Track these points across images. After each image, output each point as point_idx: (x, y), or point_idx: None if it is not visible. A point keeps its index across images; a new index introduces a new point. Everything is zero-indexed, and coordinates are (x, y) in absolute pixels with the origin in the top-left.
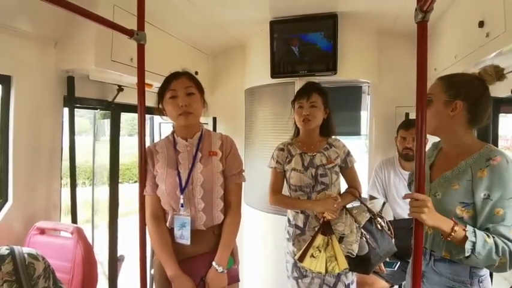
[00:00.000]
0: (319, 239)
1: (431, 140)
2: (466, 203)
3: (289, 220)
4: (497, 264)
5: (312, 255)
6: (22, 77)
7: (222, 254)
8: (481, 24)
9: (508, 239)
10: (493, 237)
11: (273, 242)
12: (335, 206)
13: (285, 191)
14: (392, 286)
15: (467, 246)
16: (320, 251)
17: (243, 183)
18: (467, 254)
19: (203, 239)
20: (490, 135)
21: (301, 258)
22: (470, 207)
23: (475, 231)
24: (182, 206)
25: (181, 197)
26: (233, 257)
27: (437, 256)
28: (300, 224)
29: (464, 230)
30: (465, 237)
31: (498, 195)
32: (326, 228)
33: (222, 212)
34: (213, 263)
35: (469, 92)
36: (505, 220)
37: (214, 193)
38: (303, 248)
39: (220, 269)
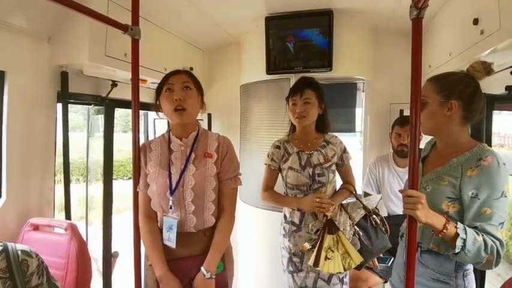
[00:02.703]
0: (328, 239)
1: (426, 136)
2: (452, 198)
3: (285, 217)
4: (484, 262)
5: (326, 257)
6: (16, 73)
7: (211, 260)
8: (476, 21)
9: (496, 238)
10: (482, 235)
11: (267, 238)
12: (318, 200)
13: (280, 187)
14: (386, 282)
15: (458, 243)
16: (333, 251)
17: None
18: (457, 251)
19: (194, 241)
20: (483, 133)
21: (316, 263)
22: (457, 202)
23: (465, 229)
24: (171, 208)
25: (171, 198)
26: (224, 261)
27: (424, 248)
28: (296, 221)
29: (455, 227)
30: (456, 234)
31: (486, 195)
32: (331, 226)
33: (213, 216)
34: (202, 268)
35: (462, 91)
36: (492, 219)
37: (205, 197)
38: (315, 253)
39: (208, 275)
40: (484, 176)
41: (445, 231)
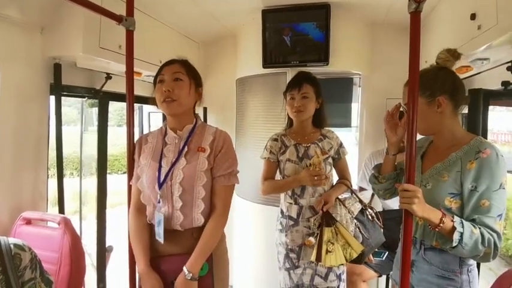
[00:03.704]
0: (327, 232)
1: None
2: (454, 194)
3: (282, 211)
4: (481, 255)
5: (328, 251)
6: (8, 64)
7: (194, 261)
8: (473, 16)
9: (493, 230)
10: (479, 228)
11: (264, 233)
12: (311, 169)
13: None
14: (380, 276)
15: (455, 236)
16: (333, 244)
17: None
18: (454, 244)
19: (180, 240)
20: (479, 129)
21: (319, 258)
22: (458, 197)
23: (462, 222)
24: (159, 202)
25: (159, 192)
26: (210, 264)
27: (428, 245)
28: (294, 215)
29: (452, 221)
30: (453, 228)
31: (484, 187)
32: (328, 219)
33: (203, 215)
34: (184, 268)
35: (443, 84)
36: (490, 211)
37: (194, 193)
38: (315, 248)
39: (189, 276)
40: (483, 168)
41: (441, 225)
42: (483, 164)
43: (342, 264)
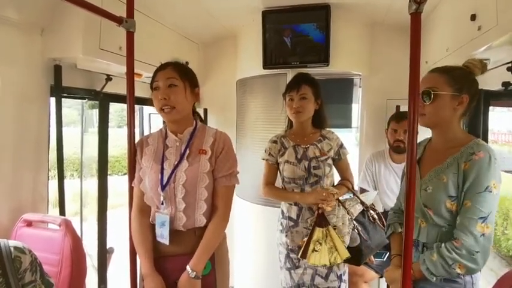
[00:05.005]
0: (318, 232)
1: (421, 132)
2: (454, 197)
3: (282, 212)
4: (463, 271)
5: (314, 250)
6: (7, 66)
7: (198, 259)
8: (473, 17)
9: (470, 232)
10: (438, 250)
11: (264, 234)
12: (324, 194)
13: (279, 183)
14: (381, 276)
15: (425, 273)
16: (321, 244)
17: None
18: (433, 279)
19: (183, 240)
20: (480, 129)
21: (304, 255)
22: (458, 200)
23: (424, 259)
24: (163, 203)
25: (162, 194)
26: (213, 263)
27: (431, 247)
28: (294, 216)
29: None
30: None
31: (468, 188)
32: (322, 220)
33: (205, 216)
34: (187, 267)
35: (471, 86)
36: (470, 213)
37: (197, 194)
38: (304, 245)
39: (193, 274)
40: (473, 170)
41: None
42: (474, 166)
43: (325, 265)
